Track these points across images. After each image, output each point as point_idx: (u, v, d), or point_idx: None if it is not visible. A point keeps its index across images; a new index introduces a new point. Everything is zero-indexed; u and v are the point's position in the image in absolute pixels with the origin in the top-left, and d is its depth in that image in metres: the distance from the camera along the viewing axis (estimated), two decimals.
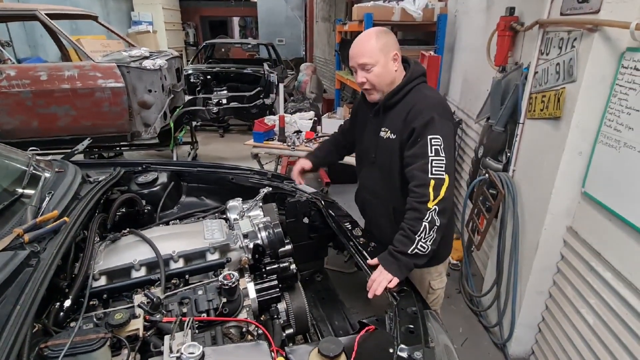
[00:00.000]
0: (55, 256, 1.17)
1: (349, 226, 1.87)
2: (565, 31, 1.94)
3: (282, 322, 1.58)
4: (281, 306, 1.61)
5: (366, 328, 1.20)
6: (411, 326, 1.19)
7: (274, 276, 1.59)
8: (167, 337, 1.06)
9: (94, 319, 1.15)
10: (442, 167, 1.41)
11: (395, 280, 1.40)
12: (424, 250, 1.41)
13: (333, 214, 2.00)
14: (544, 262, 2.17)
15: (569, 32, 1.91)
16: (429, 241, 1.41)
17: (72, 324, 1.17)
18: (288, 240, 1.79)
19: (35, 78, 3.64)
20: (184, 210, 2.10)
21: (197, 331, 1.15)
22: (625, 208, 1.63)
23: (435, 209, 1.39)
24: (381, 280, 1.40)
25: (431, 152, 1.41)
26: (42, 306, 1.08)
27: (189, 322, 1.08)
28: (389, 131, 1.57)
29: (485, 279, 2.83)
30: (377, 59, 1.48)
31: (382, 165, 1.66)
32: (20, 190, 1.50)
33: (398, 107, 1.56)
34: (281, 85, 3.30)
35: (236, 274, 1.31)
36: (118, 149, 5.13)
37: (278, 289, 1.55)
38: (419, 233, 1.39)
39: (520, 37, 2.68)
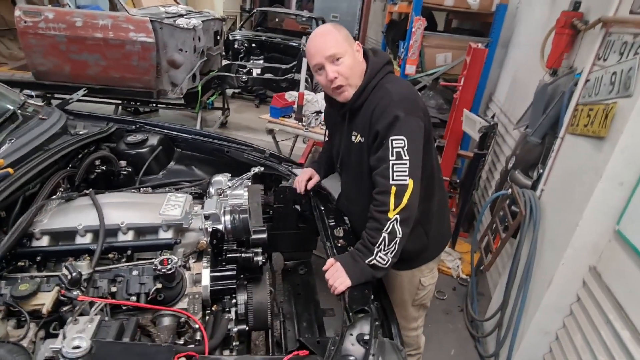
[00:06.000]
0: None
1: (332, 223, 1.69)
2: (630, 34, 1.59)
3: (239, 315, 1.44)
4: (241, 298, 1.48)
5: (297, 352, 1.03)
6: (351, 357, 1.00)
7: (234, 265, 1.44)
8: (69, 321, 0.94)
9: (2, 286, 1.05)
10: (404, 171, 1.25)
11: (347, 283, 1.28)
12: (383, 262, 1.29)
13: (322, 207, 1.82)
14: (555, 301, 1.88)
15: (635, 36, 1.55)
16: (390, 253, 1.28)
17: None
18: (264, 228, 1.64)
19: (70, 23, 3.66)
20: (169, 177, 1.99)
21: (108, 318, 1.02)
22: None
23: (396, 218, 1.26)
24: (337, 277, 1.30)
25: (392, 156, 1.26)
26: None
27: (97, 306, 0.96)
28: (359, 134, 1.43)
29: (491, 302, 2.55)
30: (345, 48, 1.34)
31: (354, 171, 1.53)
32: None
33: (363, 107, 1.40)
34: (304, 60, 3.04)
35: (175, 258, 1.18)
36: (154, 105, 5.17)
37: (234, 280, 1.42)
38: (377, 244, 1.27)
39: (581, 38, 2.29)
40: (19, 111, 1.62)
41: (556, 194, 1.99)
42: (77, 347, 0.82)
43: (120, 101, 4.52)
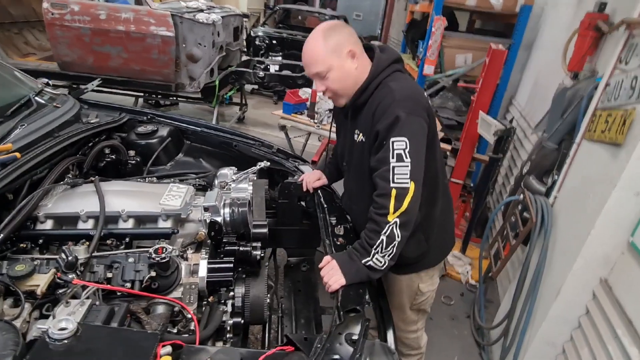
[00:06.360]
0: None
1: (334, 221, 1.67)
2: None
3: (235, 308, 1.45)
4: (239, 291, 1.48)
5: (283, 347, 1.02)
6: (336, 356, 0.99)
7: (231, 258, 1.45)
8: (60, 303, 0.96)
9: (4, 265, 1.08)
10: (405, 174, 1.22)
11: (341, 282, 1.27)
12: (380, 264, 1.27)
13: (325, 204, 1.80)
14: (563, 312, 1.81)
15: None
16: (387, 256, 1.27)
17: None
18: (265, 223, 1.64)
19: (95, 16, 3.76)
20: (177, 168, 2.02)
21: (99, 302, 1.04)
22: None
23: (395, 222, 1.23)
24: (332, 275, 1.29)
25: (393, 158, 1.23)
26: None
27: (88, 290, 0.97)
28: (361, 133, 1.40)
29: (499, 310, 2.49)
30: (330, 64, 1.29)
31: (356, 170, 1.50)
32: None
33: (366, 106, 1.36)
34: None
35: (170, 248, 1.19)
36: (174, 98, 5.27)
37: (231, 272, 1.42)
38: (375, 246, 1.26)
39: (604, 40, 2.20)
40: (34, 98, 1.66)
41: (570, 202, 1.92)
42: (64, 329, 0.84)
43: (141, 94, 4.62)
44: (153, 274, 1.19)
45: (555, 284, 1.83)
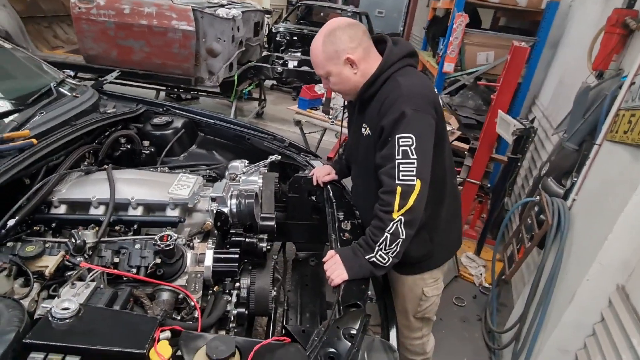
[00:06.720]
0: (3, 174, 1.15)
1: (342, 216, 1.67)
2: None
3: (240, 299, 1.47)
4: (244, 282, 1.50)
5: (278, 338, 1.02)
6: (332, 350, 0.98)
7: (237, 249, 1.46)
8: (65, 284, 0.99)
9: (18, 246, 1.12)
10: (411, 171, 1.19)
11: (344, 277, 1.26)
12: (383, 261, 1.25)
13: (334, 199, 1.80)
14: (577, 318, 1.75)
15: None
16: (391, 253, 1.25)
17: (8, 244, 1.17)
18: (272, 216, 1.65)
19: (119, 10, 3.85)
20: (190, 159, 2.05)
21: (103, 286, 1.07)
22: None
23: (400, 219, 1.20)
24: (335, 270, 1.28)
25: (398, 155, 1.20)
26: None
27: (93, 273, 1.00)
28: (368, 127, 1.38)
29: (512, 314, 2.43)
30: (329, 70, 1.32)
31: (361, 164, 1.50)
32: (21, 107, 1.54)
33: (374, 100, 1.34)
34: None
35: (175, 236, 1.21)
36: (195, 93, 5.36)
37: (236, 263, 1.43)
38: (378, 243, 1.24)
39: (632, 38, 2.11)
40: (55, 88, 1.72)
41: (588, 205, 1.85)
42: (66, 309, 0.87)
43: (162, 87, 4.71)
44: (158, 260, 1.21)
45: (570, 288, 1.77)
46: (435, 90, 1.46)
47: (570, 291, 1.75)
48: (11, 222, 1.19)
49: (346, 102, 1.70)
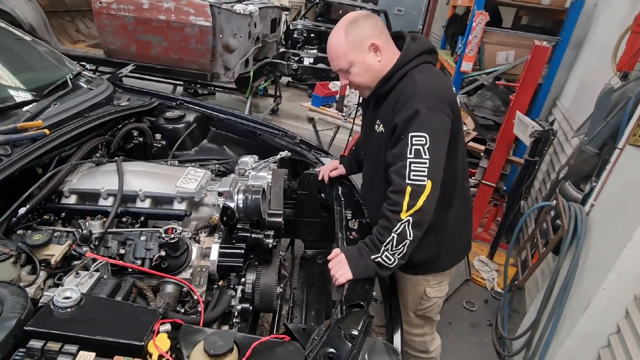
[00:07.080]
0: (16, 162, 1.17)
1: (349, 215, 1.64)
2: None
3: (245, 294, 1.46)
4: (250, 278, 1.50)
5: (277, 336, 1.01)
6: (332, 350, 0.96)
7: (243, 244, 1.46)
8: (69, 273, 1.00)
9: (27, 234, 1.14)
10: (423, 171, 1.16)
11: (348, 276, 1.24)
12: (388, 262, 1.23)
13: (343, 198, 1.78)
14: (591, 328, 1.69)
15: None
16: (397, 254, 1.22)
17: (19, 232, 1.19)
18: (280, 212, 1.64)
19: (138, 5, 3.90)
20: (201, 154, 2.06)
21: (107, 277, 1.08)
22: None
23: (408, 220, 1.18)
24: (340, 269, 1.27)
25: (410, 154, 1.17)
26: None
27: (97, 263, 1.01)
28: (381, 124, 1.35)
29: (524, 320, 2.37)
30: (352, 59, 1.27)
31: (372, 161, 1.47)
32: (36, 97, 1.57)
33: (389, 97, 1.30)
34: None
35: (180, 229, 1.21)
36: (211, 88, 5.40)
37: (242, 258, 1.43)
38: (385, 243, 1.21)
39: None
40: (70, 80, 1.74)
41: (607, 211, 1.78)
42: (68, 298, 0.88)
43: (179, 82, 4.75)
44: (163, 253, 1.21)
45: (585, 297, 1.71)
46: (454, 89, 1.42)
47: (585, 300, 1.69)
48: (22, 210, 1.21)
49: (360, 100, 1.68)
